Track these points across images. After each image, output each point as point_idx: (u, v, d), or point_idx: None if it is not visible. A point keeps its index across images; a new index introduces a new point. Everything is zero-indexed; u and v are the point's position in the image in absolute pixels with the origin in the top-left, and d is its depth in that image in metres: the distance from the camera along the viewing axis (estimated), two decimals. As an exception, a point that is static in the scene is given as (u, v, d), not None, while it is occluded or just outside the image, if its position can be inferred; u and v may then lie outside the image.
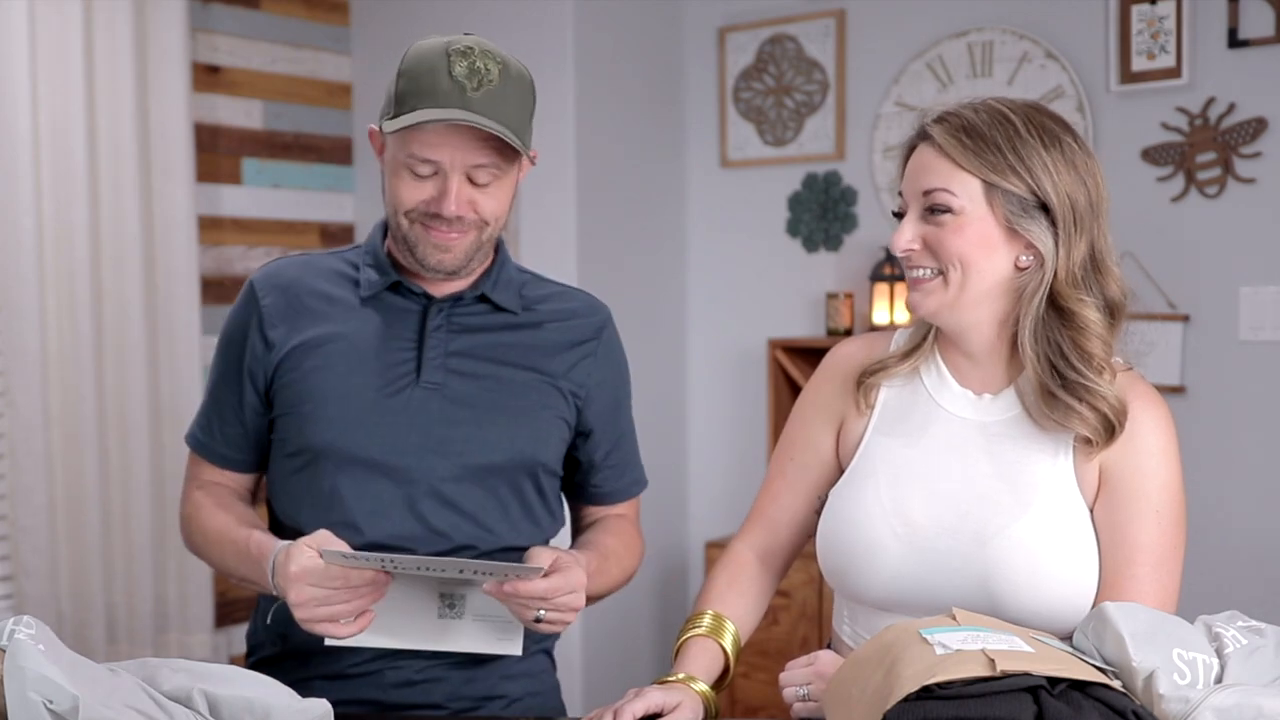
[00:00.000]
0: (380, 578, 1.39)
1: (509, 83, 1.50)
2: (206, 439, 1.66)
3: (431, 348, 1.57)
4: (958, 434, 1.45)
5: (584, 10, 3.27)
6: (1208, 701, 1.07)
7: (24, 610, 2.82)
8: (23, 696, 1.07)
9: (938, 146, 1.39)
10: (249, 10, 3.40)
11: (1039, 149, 1.36)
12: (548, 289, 1.71)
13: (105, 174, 2.98)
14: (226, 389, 1.63)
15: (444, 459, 1.55)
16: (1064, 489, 1.39)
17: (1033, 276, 1.38)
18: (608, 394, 1.69)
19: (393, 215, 1.54)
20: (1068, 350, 1.38)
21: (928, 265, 1.40)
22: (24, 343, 2.84)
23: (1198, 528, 2.85)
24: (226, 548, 1.55)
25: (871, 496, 1.45)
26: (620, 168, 3.41)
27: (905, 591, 1.42)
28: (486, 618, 1.48)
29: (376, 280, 1.59)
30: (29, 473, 2.86)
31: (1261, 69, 2.71)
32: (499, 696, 1.61)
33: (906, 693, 1.02)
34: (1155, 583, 1.37)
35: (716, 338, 3.59)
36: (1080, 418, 1.37)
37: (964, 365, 1.47)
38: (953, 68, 3.11)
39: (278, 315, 1.59)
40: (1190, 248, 2.80)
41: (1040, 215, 1.36)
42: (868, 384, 1.50)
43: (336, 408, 1.55)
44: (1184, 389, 2.80)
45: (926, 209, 1.39)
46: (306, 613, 1.38)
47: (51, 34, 2.87)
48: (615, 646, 3.42)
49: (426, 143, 1.47)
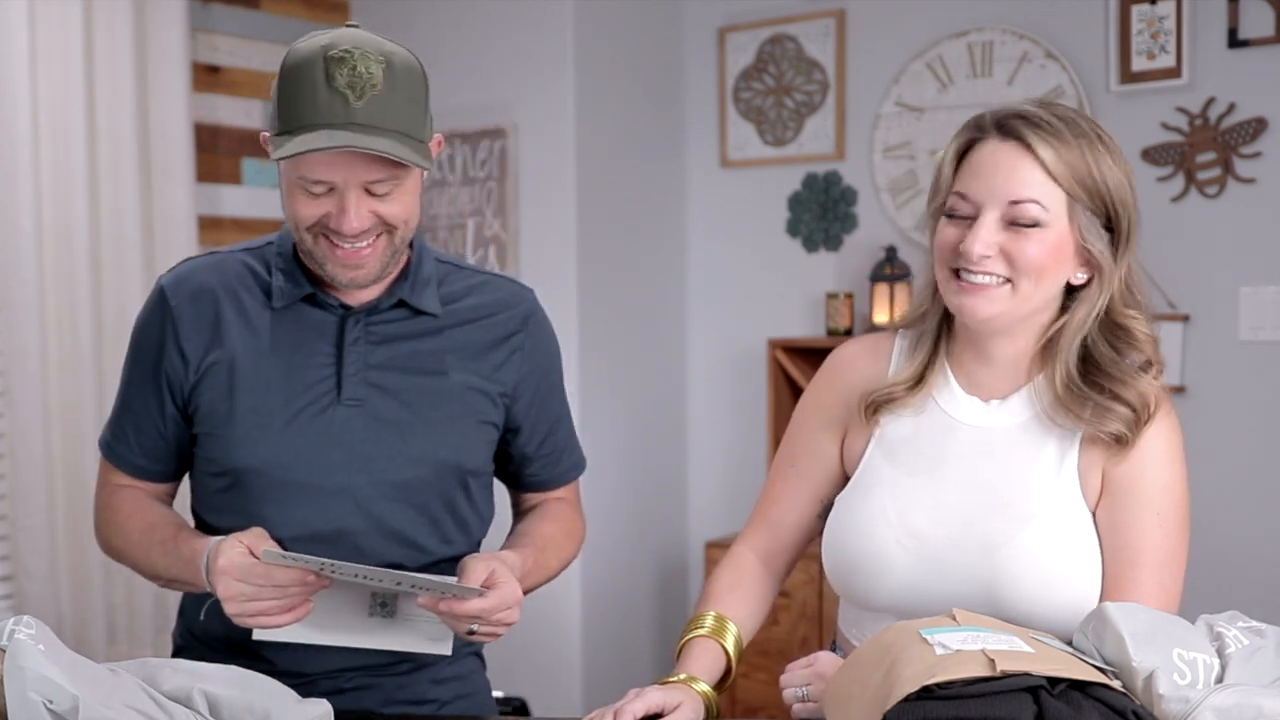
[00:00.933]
0: (313, 582, 1.37)
1: (395, 83, 1.40)
2: (122, 449, 1.61)
3: (351, 362, 1.52)
4: (963, 442, 1.43)
5: (584, 10, 3.27)
6: (1208, 701, 1.07)
7: (24, 610, 2.82)
8: (23, 696, 1.07)
9: (1028, 150, 1.32)
10: (249, 10, 3.40)
11: (1112, 165, 1.33)
12: (469, 280, 1.62)
13: (105, 174, 2.98)
14: (143, 399, 1.57)
15: (370, 477, 1.52)
16: (1068, 494, 1.39)
17: (1090, 293, 1.36)
18: (535, 386, 1.64)
19: (294, 230, 1.47)
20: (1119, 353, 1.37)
21: (998, 273, 1.34)
22: (24, 343, 2.84)
23: (1198, 528, 2.85)
24: (154, 549, 1.52)
25: (877, 507, 1.44)
26: (620, 168, 3.41)
27: (911, 601, 1.41)
28: (418, 618, 1.46)
29: (290, 290, 1.53)
30: (29, 473, 2.86)
31: (1261, 69, 2.71)
32: (430, 700, 1.60)
33: (906, 693, 1.02)
34: (1157, 585, 1.35)
35: (716, 338, 3.59)
36: (1113, 414, 1.35)
37: (976, 371, 1.44)
38: (953, 68, 3.11)
39: (191, 327, 1.53)
40: (1190, 248, 2.80)
41: (1106, 233, 1.35)
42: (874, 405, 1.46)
43: (258, 429, 1.50)
44: (1184, 389, 2.80)
45: (1009, 221, 1.33)
46: (236, 607, 1.36)
47: (51, 34, 2.87)
48: (615, 646, 3.42)
49: (315, 165, 1.39)
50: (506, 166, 3.35)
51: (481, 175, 3.41)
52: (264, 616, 1.37)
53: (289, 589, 1.36)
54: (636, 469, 3.46)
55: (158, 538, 1.52)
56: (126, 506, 1.59)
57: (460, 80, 3.35)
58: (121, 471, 1.62)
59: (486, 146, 3.38)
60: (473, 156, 3.41)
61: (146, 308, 1.59)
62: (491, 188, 3.40)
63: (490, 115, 3.37)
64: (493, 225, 3.39)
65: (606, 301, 3.34)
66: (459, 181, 3.46)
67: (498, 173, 3.37)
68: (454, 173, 3.45)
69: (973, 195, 1.34)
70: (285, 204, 1.46)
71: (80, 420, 2.92)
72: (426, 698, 1.60)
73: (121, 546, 1.59)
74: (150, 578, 1.57)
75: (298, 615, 1.39)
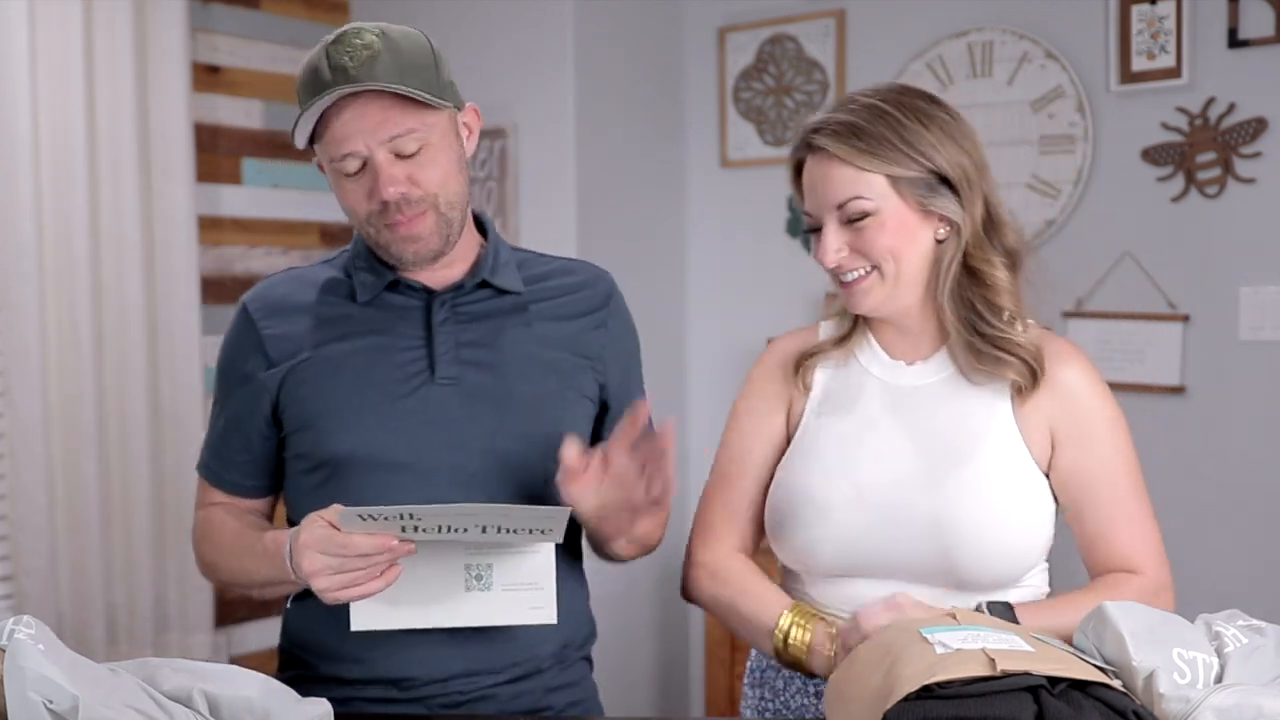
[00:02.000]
0: (397, 547, 1.32)
1: (390, 44, 1.43)
2: (216, 465, 1.62)
3: (441, 342, 1.52)
4: (896, 402, 1.50)
5: (584, 10, 3.27)
6: (1208, 701, 1.07)
7: (24, 610, 2.82)
8: (23, 696, 1.07)
9: (832, 156, 1.43)
10: (249, 10, 3.40)
11: (921, 130, 1.43)
12: (548, 265, 1.66)
13: (105, 174, 2.98)
14: (233, 415, 1.59)
15: (469, 454, 1.50)
16: (1008, 438, 1.45)
17: (950, 245, 1.46)
18: (623, 363, 1.65)
19: (358, 227, 1.52)
20: (981, 308, 1.45)
21: (859, 266, 1.45)
22: (24, 343, 2.84)
23: (1198, 527, 2.86)
24: (244, 553, 1.51)
25: (817, 464, 1.49)
26: (620, 168, 3.41)
27: (859, 552, 1.45)
28: (516, 587, 1.43)
29: (373, 282, 1.55)
30: (29, 473, 2.86)
31: (1261, 69, 2.70)
32: (545, 708, 1.57)
33: (906, 692, 1.02)
34: (1138, 499, 1.48)
35: (716, 337, 3.59)
36: (1008, 365, 1.44)
37: (894, 338, 1.53)
38: (953, 68, 3.11)
39: (276, 332, 1.55)
40: (1190, 248, 2.80)
41: (943, 188, 1.44)
42: (805, 366, 1.55)
43: (353, 416, 1.50)
44: (1184, 389, 2.80)
45: (844, 220, 1.44)
46: (323, 582, 1.33)
47: (51, 34, 2.87)
48: (615, 646, 3.42)
49: (335, 138, 1.43)
50: (506, 166, 3.35)
51: (481, 175, 3.41)
52: (353, 588, 1.34)
53: (373, 557, 1.32)
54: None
55: (246, 542, 1.51)
56: (218, 520, 1.58)
57: (460, 80, 3.32)
58: (218, 489, 1.63)
59: (486, 146, 3.38)
60: (473, 156, 3.41)
61: (231, 325, 1.61)
62: (491, 188, 3.40)
63: (490, 115, 3.34)
64: (493, 225, 3.40)
65: (606, 301, 3.33)
66: (459, 181, 3.46)
67: (498, 173, 3.38)
68: (454, 173, 3.45)
69: (812, 211, 1.49)
70: (343, 207, 1.50)
71: (80, 420, 2.92)
72: (541, 705, 1.57)
73: (215, 559, 1.58)
74: (245, 586, 1.55)
75: (388, 579, 1.34)
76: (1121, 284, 2.87)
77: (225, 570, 1.57)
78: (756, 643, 1.51)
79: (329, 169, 1.49)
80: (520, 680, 1.55)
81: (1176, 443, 2.80)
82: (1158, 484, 2.85)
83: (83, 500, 2.93)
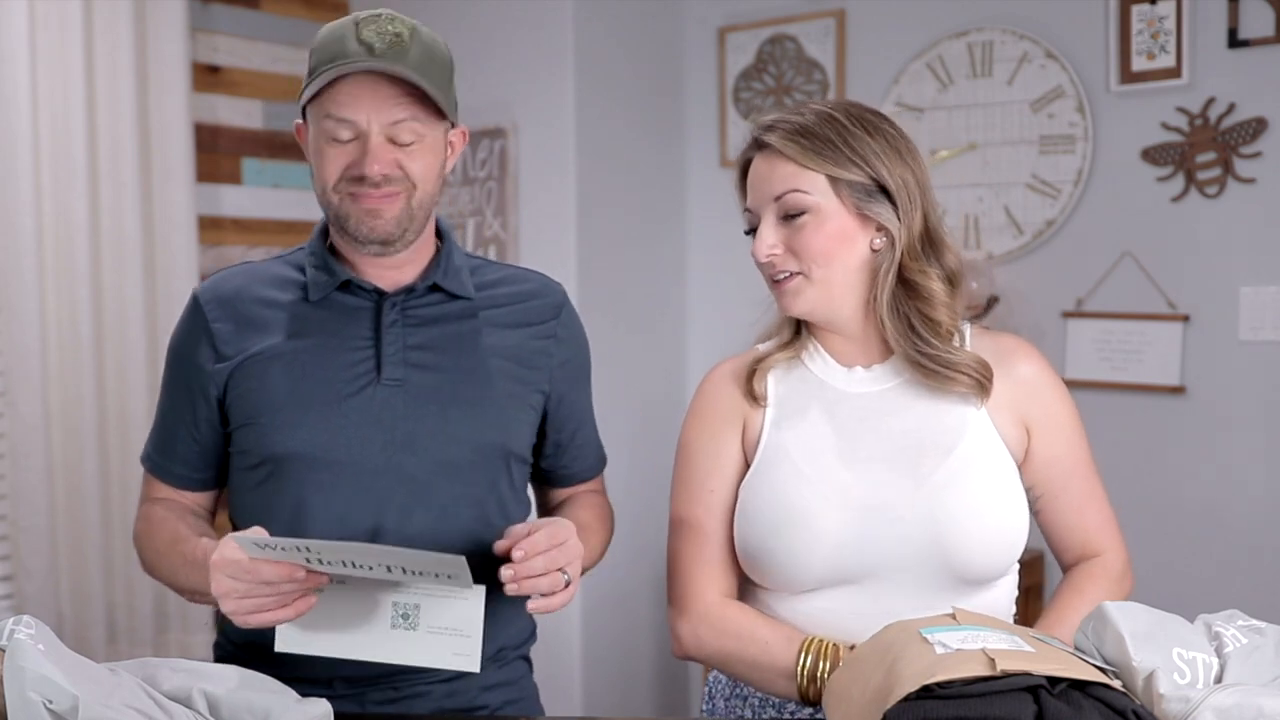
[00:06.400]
0: (307, 579, 1.31)
1: (419, 44, 1.46)
2: (161, 458, 1.61)
3: (389, 343, 1.52)
4: (860, 407, 1.49)
5: (584, 10, 3.27)
6: (1208, 701, 1.07)
7: (24, 610, 2.82)
8: (23, 696, 1.07)
9: (778, 152, 1.46)
10: (249, 10, 3.40)
11: (866, 139, 1.45)
12: (500, 272, 1.66)
13: (105, 174, 2.98)
14: (178, 405, 1.58)
15: (412, 456, 1.50)
16: (983, 429, 1.46)
17: (885, 255, 1.46)
18: (571, 374, 1.66)
19: (322, 194, 1.50)
20: (918, 323, 1.46)
21: (789, 268, 1.46)
22: (24, 343, 2.84)
23: (1198, 527, 2.86)
24: (176, 559, 1.49)
25: (791, 474, 1.46)
26: (620, 167, 3.41)
27: (851, 555, 1.41)
28: (441, 631, 1.42)
29: (325, 281, 1.54)
30: (29, 473, 2.86)
31: (1261, 69, 2.70)
32: (480, 707, 1.59)
33: (906, 692, 1.02)
34: (1097, 481, 1.54)
35: (716, 337, 3.59)
36: (954, 381, 1.45)
37: (841, 346, 1.53)
38: (953, 68, 3.11)
39: (225, 326, 1.54)
40: (1190, 248, 2.80)
41: (882, 197, 1.45)
42: (757, 373, 1.53)
43: (297, 413, 1.49)
44: (1184, 389, 2.80)
45: (781, 215, 1.46)
46: (231, 605, 1.31)
47: (51, 34, 2.87)
48: (615, 646, 3.42)
49: (341, 101, 1.44)
50: (506, 166, 3.35)
51: (481, 175, 3.41)
52: (262, 613, 1.32)
53: (280, 586, 1.30)
54: (635, 469, 3.46)
55: (179, 548, 1.49)
56: (158, 519, 1.56)
57: (460, 80, 3.33)
58: (162, 482, 1.62)
59: (486, 146, 3.38)
60: (472, 156, 3.41)
61: (181, 317, 1.60)
62: (491, 187, 3.40)
63: (490, 115, 3.37)
64: (493, 225, 3.40)
65: (606, 301, 3.33)
66: (459, 181, 3.46)
67: (498, 172, 3.38)
68: (454, 172, 3.44)
69: (752, 206, 1.50)
70: (315, 171, 1.51)
71: (80, 420, 2.92)
72: (476, 704, 1.58)
73: (152, 561, 1.56)
74: (178, 591, 1.53)
75: (299, 609, 1.32)
76: (1121, 284, 2.88)
77: (160, 572, 1.55)
78: (772, 687, 1.43)
79: (314, 128, 1.49)
80: (454, 679, 1.56)
81: (1176, 443, 2.81)
82: (1158, 484, 2.86)
83: (83, 500, 2.93)
